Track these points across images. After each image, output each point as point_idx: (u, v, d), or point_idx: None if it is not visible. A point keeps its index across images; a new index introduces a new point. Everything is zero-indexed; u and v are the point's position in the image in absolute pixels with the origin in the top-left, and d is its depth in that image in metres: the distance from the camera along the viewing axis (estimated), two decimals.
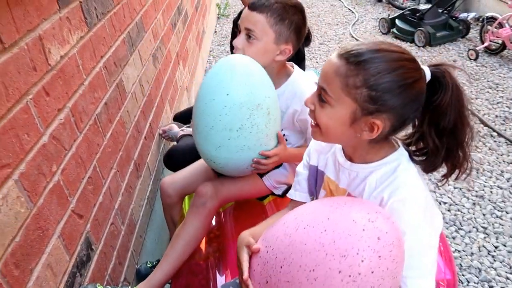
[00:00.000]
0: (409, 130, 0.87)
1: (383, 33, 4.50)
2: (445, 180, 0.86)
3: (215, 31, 4.84)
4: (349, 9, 5.41)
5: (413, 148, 0.87)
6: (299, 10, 1.25)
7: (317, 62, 3.90)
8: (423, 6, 4.28)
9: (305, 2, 5.82)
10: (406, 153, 0.85)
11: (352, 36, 4.49)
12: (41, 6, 1.01)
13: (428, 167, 0.85)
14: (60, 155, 1.05)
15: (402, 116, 0.79)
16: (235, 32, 2.14)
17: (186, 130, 1.90)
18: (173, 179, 1.50)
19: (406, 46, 4.11)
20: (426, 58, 3.82)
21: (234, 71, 1.16)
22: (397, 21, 4.36)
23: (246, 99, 1.14)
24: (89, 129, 1.22)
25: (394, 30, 4.37)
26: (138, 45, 1.77)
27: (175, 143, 1.95)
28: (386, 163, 0.84)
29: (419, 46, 4.06)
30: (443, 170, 0.85)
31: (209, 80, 1.18)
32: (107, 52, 1.41)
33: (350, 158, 0.89)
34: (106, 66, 1.39)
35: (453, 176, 0.84)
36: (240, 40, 1.27)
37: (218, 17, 5.23)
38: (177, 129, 1.95)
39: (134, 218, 1.55)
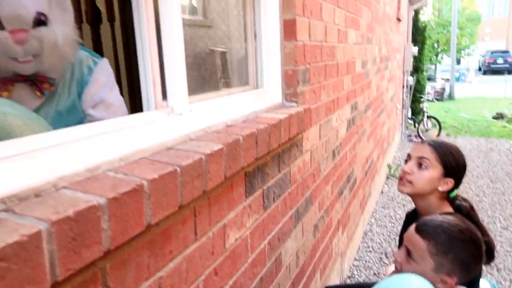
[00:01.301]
0: None
1: None
2: None
3: (382, 191, 4.82)
4: None
5: None
6: (473, 245, 1.16)
7: (497, 251, 3.39)
8: None
9: (488, 175, 5.39)
10: None
11: None
12: (233, 200, 1.23)
13: None
14: None
15: None
16: (406, 225, 2.06)
17: None
18: None
19: None
20: None
21: None
22: None
23: None
24: None
25: None
26: (303, 218, 1.90)
27: None
28: None
29: None
30: None
31: None
32: (274, 228, 1.56)
33: None
34: (271, 242, 1.53)
35: None
36: (400, 253, 1.25)
37: (387, 178, 5.23)
38: None
39: None
